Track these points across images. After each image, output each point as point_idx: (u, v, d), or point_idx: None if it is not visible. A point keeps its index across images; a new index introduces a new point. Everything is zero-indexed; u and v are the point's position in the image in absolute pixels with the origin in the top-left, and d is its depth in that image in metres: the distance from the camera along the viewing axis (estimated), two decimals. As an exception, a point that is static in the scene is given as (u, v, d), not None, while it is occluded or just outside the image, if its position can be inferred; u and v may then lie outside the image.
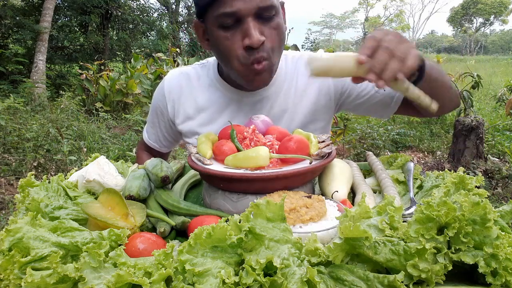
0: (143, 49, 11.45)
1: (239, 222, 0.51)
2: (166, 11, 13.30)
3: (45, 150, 4.13)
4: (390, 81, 0.72)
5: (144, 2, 12.74)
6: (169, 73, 1.24)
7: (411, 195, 0.78)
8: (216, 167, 0.75)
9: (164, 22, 13.26)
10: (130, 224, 0.64)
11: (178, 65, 7.15)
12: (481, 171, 3.71)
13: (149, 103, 5.45)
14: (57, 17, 10.31)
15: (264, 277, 0.46)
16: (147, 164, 0.83)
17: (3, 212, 3.02)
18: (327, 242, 0.57)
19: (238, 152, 0.77)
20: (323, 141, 0.84)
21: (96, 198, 0.74)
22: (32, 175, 0.75)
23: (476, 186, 0.70)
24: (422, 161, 4.57)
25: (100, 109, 6.42)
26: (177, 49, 8.28)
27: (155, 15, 13.08)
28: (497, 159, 4.28)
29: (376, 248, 0.49)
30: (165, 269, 0.48)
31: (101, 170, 0.84)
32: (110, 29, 11.56)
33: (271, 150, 0.78)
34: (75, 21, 10.84)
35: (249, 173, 0.70)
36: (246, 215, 0.52)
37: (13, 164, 3.84)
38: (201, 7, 0.95)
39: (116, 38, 11.68)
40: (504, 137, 4.87)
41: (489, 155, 4.31)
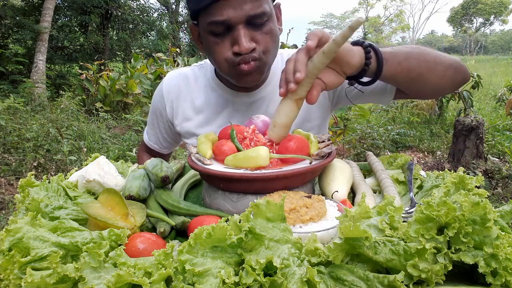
0: (143, 49, 11.45)
1: (239, 222, 0.51)
2: (166, 11, 13.30)
3: (45, 150, 4.13)
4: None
5: (144, 2, 12.75)
6: (168, 75, 1.25)
7: (411, 195, 0.78)
8: (216, 167, 0.75)
9: (164, 22, 13.26)
10: (130, 224, 0.64)
11: (178, 65, 7.15)
12: (481, 171, 3.71)
13: (149, 103, 5.45)
14: (57, 17, 10.32)
15: (264, 277, 0.46)
16: (147, 164, 0.83)
17: (3, 212, 3.02)
18: (327, 242, 0.57)
19: (238, 152, 0.77)
20: (323, 141, 0.84)
21: (96, 198, 0.74)
22: (32, 175, 0.75)
23: (476, 186, 0.70)
24: (422, 161, 4.57)
25: (100, 109, 6.42)
26: (177, 49, 8.28)
27: (155, 15, 13.09)
28: (497, 159, 4.28)
29: (376, 248, 0.49)
30: (165, 269, 0.48)
31: (101, 170, 0.84)
32: (110, 29, 11.56)
33: (271, 150, 0.78)
34: (75, 21, 10.84)
35: (249, 173, 0.70)
36: (246, 215, 0.52)
37: (13, 164, 3.84)
38: (193, 12, 0.96)
39: (116, 38, 11.68)
40: (504, 137, 4.87)
41: (489, 155, 4.31)
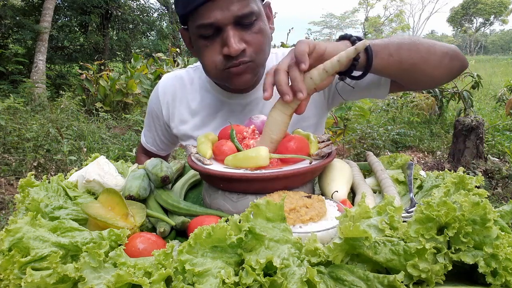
0: (143, 49, 11.45)
1: (239, 222, 0.51)
2: (166, 11, 13.29)
3: (45, 150, 4.13)
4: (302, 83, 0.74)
5: (144, 2, 12.74)
6: (163, 77, 1.25)
7: (411, 195, 0.78)
8: (216, 167, 0.75)
9: (164, 22, 13.26)
10: (130, 224, 0.64)
11: (178, 65, 7.15)
12: (481, 171, 3.72)
13: (149, 103, 5.44)
14: (57, 17, 10.32)
15: (264, 277, 0.46)
16: (147, 164, 0.83)
17: (3, 212, 3.02)
18: (327, 242, 0.57)
19: (238, 152, 0.77)
20: (323, 141, 0.84)
21: (96, 198, 0.73)
22: (32, 175, 0.75)
23: (476, 186, 0.70)
24: (422, 161, 4.57)
25: (100, 109, 6.42)
26: (177, 49, 8.27)
27: (155, 15, 13.09)
28: (497, 159, 4.28)
29: (376, 248, 0.49)
30: (165, 269, 0.48)
31: (101, 170, 0.84)
32: (110, 29, 11.56)
33: (271, 150, 0.78)
34: (75, 21, 10.84)
35: (249, 173, 0.70)
36: (246, 215, 0.52)
37: (13, 164, 3.84)
38: (182, 17, 0.96)
39: (116, 38, 11.68)
40: (504, 137, 4.87)
41: (489, 155, 4.31)
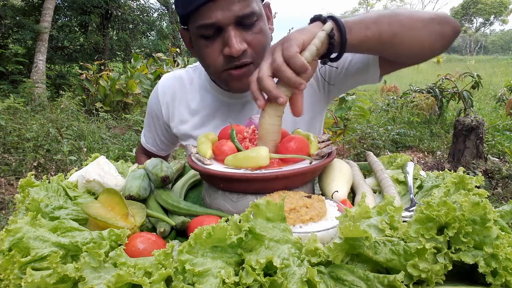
0: (143, 49, 11.45)
1: (239, 222, 0.51)
2: (166, 11, 13.29)
3: (45, 150, 4.13)
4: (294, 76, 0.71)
5: (144, 2, 12.75)
6: (163, 77, 1.25)
7: (411, 195, 0.78)
8: (216, 167, 0.75)
9: (164, 22, 13.26)
10: (130, 224, 0.64)
11: (178, 65, 7.15)
12: (481, 171, 3.72)
13: (149, 103, 5.43)
14: (57, 17, 10.32)
15: (264, 277, 0.46)
16: (147, 164, 0.83)
17: (3, 212, 3.02)
18: (327, 242, 0.57)
19: (238, 152, 0.77)
20: (323, 141, 0.84)
21: (96, 198, 0.73)
22: (32, 175, 0.75)
23: (476, 186, 0.70)
24: (422, 161, 4.57)
25: (100, 109, 6.43)
26: (177, 49, 8.28)
27: (155, 15, 13.09)
28: (497, 159, 4.28)
29: (376, 248, 0.49)
30: (165, 269, 0.48)
31: (101, 170, 0.84)
32: (110, 29, 11.56)
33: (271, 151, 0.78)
34: (75, 21, 10.84)
35: (249, 173, 0.70)
36: (246, 215, 0.52)
37: (13, 164, 3.84)
38: (182, 17, 0.95)
39: (116, 38, 11.68)
40: (504, 137, 4.87)
41: (489, 155, 4.31)
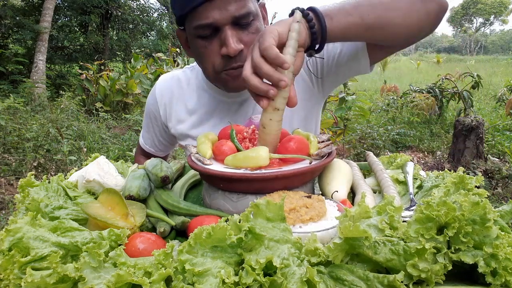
0: (143, 49, 11.45)
1: (239, 222, 0.51)
2: (166, 11, 13.28)
3: (45, 150, 4.14)
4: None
5: (144, 2, 12.75)
6: (160, 78, 1.26)
7: (411, 195, 0.78)
8: (216, 167, 0.75)
9: (164, 22, 13.25)
10: (130, 224, 0.64)
11: (178, 65, 7.15)
12: (481, 171, 3.72)
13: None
14: (57, 17, 10.32)
15: (264, 277, 0.46)
16: (147, 164, 0.83)
17: (3, 212, 3.02)
18: (327, 242, 0.57)
19: (238, 152, 0.77)
20: (323, 141, 0.84)
21: (96, 198, 0.73)
22: (32, 175, 0.75)
23: (476, 186, 0.70)
24: (422, 161, 4.57)
25: (100, 109, 6.43)
26: (177, 49, 8.28)
27: (155, 15, 13.09)
28: (497, 159, 4.28)
29: (376, 248, 0.49)
30: (165, 269, 0.48)
31: (101, 170, 0.84)
32: (110, 29, 11.56)
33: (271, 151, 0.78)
34: (75, 21, 10.84)
35: (249, 173, 0.70)
36: (246, 215, 0.52)
37: (13, 164, 3.84)
38: (179, 17, 0.96)
39: (116, 38, 11.68)
40: (504, 137, 4.87)
41: (489, 155, 4.31)
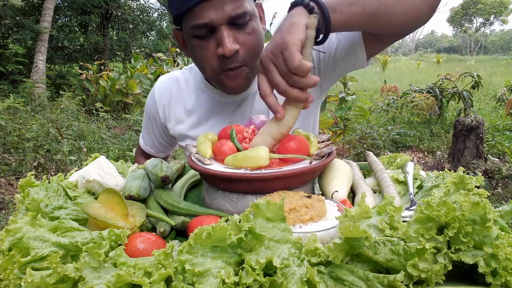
0: (143, 49, 11.45)
1: (239, 222, 0.51)
2: (166, 11, 13.28)
3: (45, 150, 4.13)
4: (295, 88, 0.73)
5: (144, 2, 12.73)
6: (159, 79, 1.26)
7: (411, 195, 0.78)
8: (216, 167, 0.75)
9: (164, 22, 13.25)
10: (130, 224, 0.64)
11: (178, 65, 7.15)
12: (481, 171, 3.72)
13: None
14: (57, 17, 10.32)
15: (264, 277, 0.46)
16: (147, 164, 0.83)
17: (3, 212, 3.02)
18: (327, 242, 0.57)
19: (238, 152, 0.77)
20: (323, 141, 0.84)
21: (96, 198, 0.73)
22: (32, 175, 0.75)
23: (476, 186, 0.70)
24: (422, 161, 4.57)
25: (100, 109, 6.43)
26: (177, 49, 8.27)
27: (155, 15, 13.08)
28: (497, 159, 4.28)
29: (376, 248, 0.49)
30: (165, 269, 0.48)
31: (101, 170, 0.84)
32: (110, 29, 11.56)
33: (271, 150, 0.78)
34: (75, 21, 10.84)
35: (249, 173, 0.70)
36: (246, 215, 0.52)
37: (13, 164, 3.84)
38: (176, 17, 0.96)
39: (116, 38, 11.68)
40: (504, 137, 4.87)
41: (489, 155, 4.31)
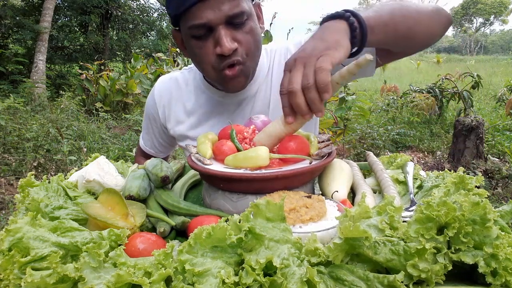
0: (143, 49, 11.44)
1: (239, 222, 0.51)
2: (166, 11, 13.27)
3: (45, 150, 4.13)
4: (321, 103, 0.71)
5: (144, 2, 12.73)
6: (159, 80, 1.26)
7: (411, 195, 0.78)
8: (216, 167, 0.75)
9: (164, 22, 13.24)
10: (130, 224, 0.64)
11: (178, 65, 7.15)
12: (481, 171, 3.72)
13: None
14: (57, 17, 10.32)
15: (264, 277, 0.46)
16: (147, 164, 0.83)
17: (3, 212, 3.02)
18: (327, 242, 0.57)
19: (238, 152, 0.77)
20: (323, 141, 0.84)
21: (96, 198, 0.73)
22: (32, 175, 0.75)
23: (476, 186, 0.70)
24: (422, 161, 4.57)
25: (100, 109, 6.43)
26: (177, 49, 8.26)
27: (155, 15, 13.07)
28: (497, 159, 4.28)
29: (376, 248, 0.49)
30: (165, 269, 0.48)
31: (101, 170, 0.84)
32: (110, 29, 11.56)
33: (271, 150, 0.78)
34: (75, 21, 10.84)
35: (249, 173, 0.70)
36: (246, 215, 0.52)
37: (13, 164, 3.84)
38: (174, 18, 0.96)
39: (116, 38, 11.68)
40: (504, 137, 4.87)
41: (489, 155, 4.31)
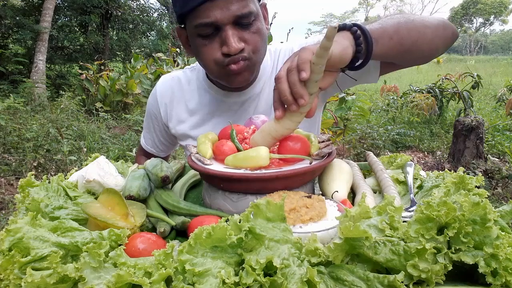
0: (143, 49, 11.45)
1: (239, 222, 0.51)
2: (166, 11, 13.28)
3: (45, 150, 4.13)
4: (306, 96, 0.71)
5: (144, 2, 12.74)
6: (161, 79, 1.26)
7: (411, 195, 0.78)
8: (216, 167, 0.75)
9: (164, 22, 13.26)
10: (130, 224, 0.64)
11: (178, 65, 7.15)
12: (481, 171, 3.71)
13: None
14: (57, 17, 10.33)
15: (264, 277, 0.46)
16: (147, 164, 0.83)
17: (3, 212, 3.02)
18: (327, 242, 0.57)
19: (238, 152, 0.77)
20: (323, 141, 0.84)
21: (96, 198, 0.74)
22: (32, 175, 0.75)
23: (476, 186, 0.70)
24: (422, 161, 4.57)
25: (100, 109, 6.43)
26: (177, 49, 8.27)
27: (155, 15, 13.08)
28: (497, 159, 4.28)
29: (376, 248, 0.49)
30: (165, 269, 0.48)
31: (101, 170, 0.84)
32: (110, 29, 11.56)
33: (271, 150, 0.78)
34: (75, 21, 10.85)
35: (249, 173, 0.70)
36: (246, 215, 0.52)
37: (13, 164, 3.84)
38: (180, 16, 0.96)
39: (116, 38, 11.68)
40: (504, 137, 4.87)
41: (489, 155, 4.31)
